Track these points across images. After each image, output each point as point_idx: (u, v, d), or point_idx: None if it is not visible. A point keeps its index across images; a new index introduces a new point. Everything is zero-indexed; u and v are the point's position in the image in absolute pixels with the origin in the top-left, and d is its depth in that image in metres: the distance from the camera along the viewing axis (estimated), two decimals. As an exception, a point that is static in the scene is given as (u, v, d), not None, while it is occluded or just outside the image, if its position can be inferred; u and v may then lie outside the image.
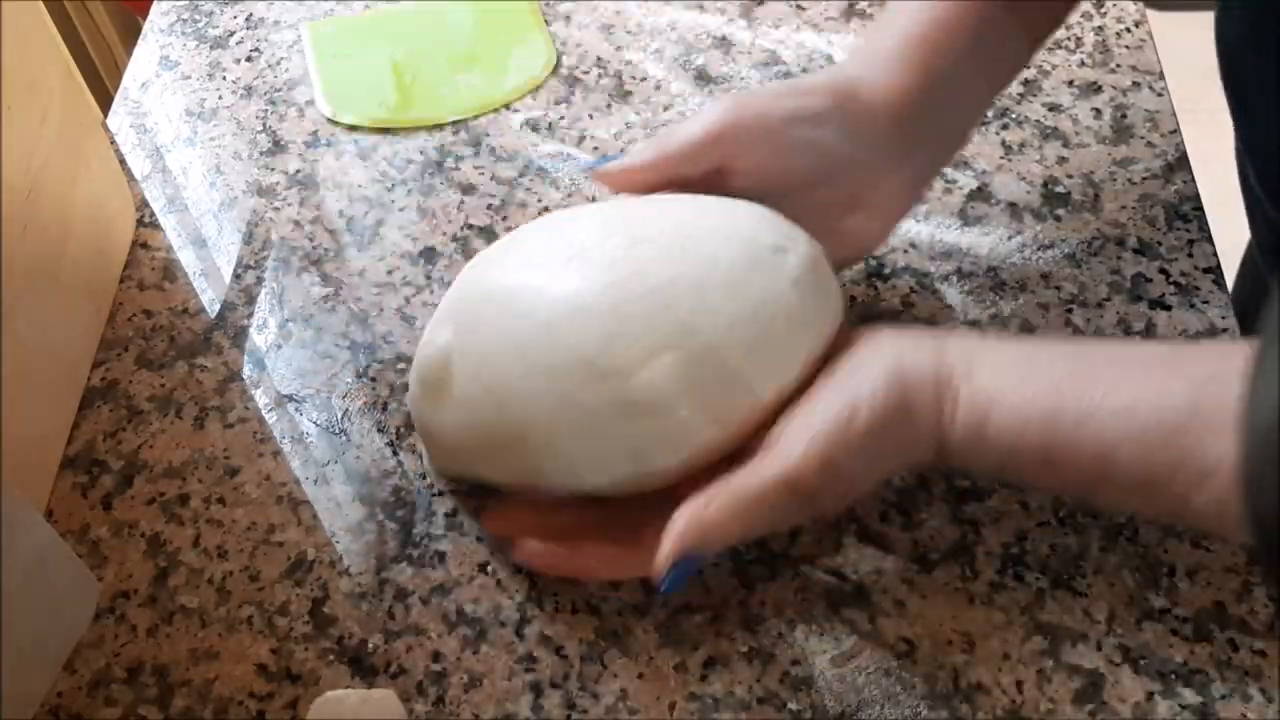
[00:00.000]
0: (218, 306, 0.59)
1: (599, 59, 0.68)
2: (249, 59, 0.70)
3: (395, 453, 0.53)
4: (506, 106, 0.67)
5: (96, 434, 0.55)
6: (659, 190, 0.51)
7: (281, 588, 0.50)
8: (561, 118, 0.66)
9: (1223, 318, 0.54)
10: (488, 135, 0.65)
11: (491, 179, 0.63)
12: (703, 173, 0.50)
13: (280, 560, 0.51)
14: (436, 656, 0.47)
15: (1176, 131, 0.62)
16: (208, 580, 0.50)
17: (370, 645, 0.48)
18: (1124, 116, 0.63)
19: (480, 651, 0.47)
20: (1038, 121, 0.63)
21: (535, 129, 0.65)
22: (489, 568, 0.50)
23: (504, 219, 0.61)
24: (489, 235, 0.61)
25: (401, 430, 0.54)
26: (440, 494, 0.52)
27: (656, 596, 0.47)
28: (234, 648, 0.48)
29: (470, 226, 0.61)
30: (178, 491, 0.53)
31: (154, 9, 0.73)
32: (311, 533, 0.51)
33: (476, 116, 0.66)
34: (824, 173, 0.50)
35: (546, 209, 0.61)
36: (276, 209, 0.63)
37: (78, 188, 0.57)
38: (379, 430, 0.54)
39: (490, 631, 0.48)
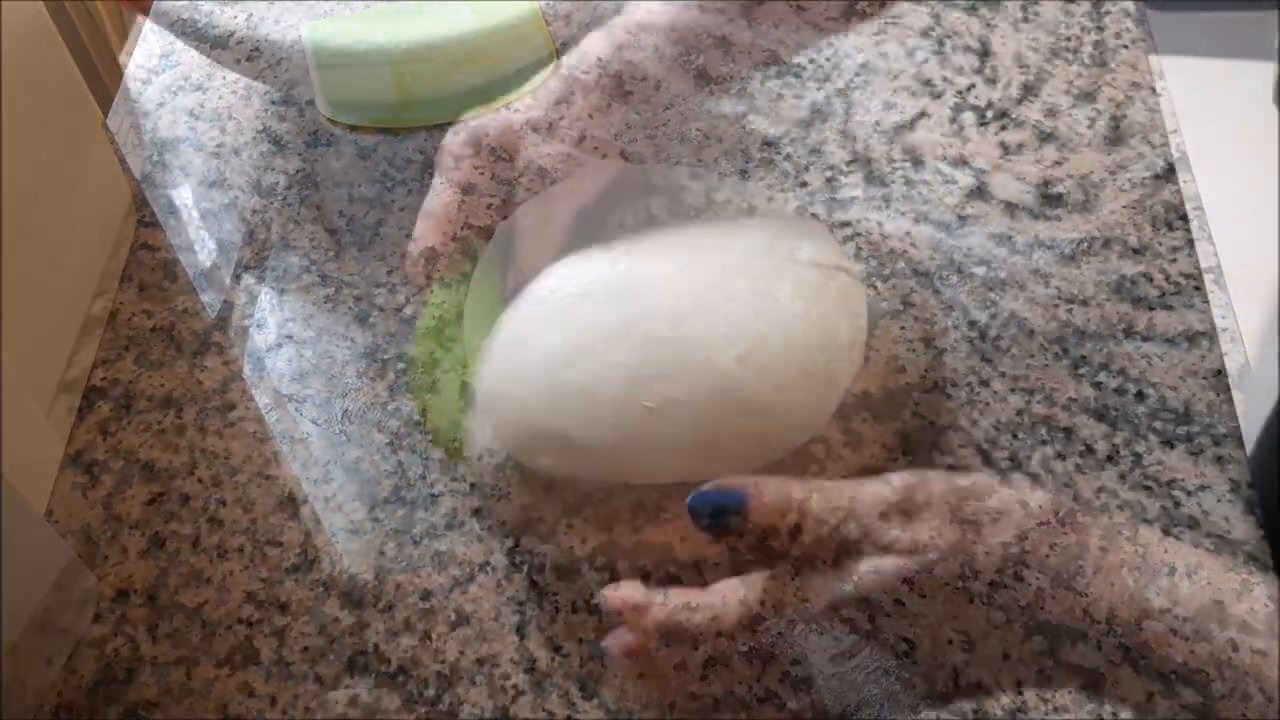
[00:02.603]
0: (218, 306, 0.59)
1: (599, 59, 0.68)
2: (249, 59, 0.70)
3: (395, 453, 0.53)
4: (506, 107, 0.67)
5: (96, 434, 0.55)
6: None
7: (282, 588, 0.50)
8: (561, 118, 0.66)
9: (1223, 317, 0.54)
10: (488, 135, 0.65)
11: (491, 179, 0.63)
12: None
13: (280, 561, 0.51)
14: (437, 656, 0.47)
15: (1175, 133, 0.62)
16: (207, 580, 0.50)
17: (370, 645, 0.48)
18: (1122, 119, 0.63)
19: (480, 651, 0.47)
20: (1036, 123, 0.63)
21: (535, 129, 0.65)
22: (489, 568, 0.50)
23: (504, 219, 0.61)
24: (489, 236, 0.61)
25: (401, 430, 0.54)
26: (440, 494, 0.52)
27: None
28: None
29: (470, 226, 0.61)
30: (178, 491, 0.53)
31: (154, 9, 0.73)
32: (311, 533, 0.51)
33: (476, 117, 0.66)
34: None
35: (546, 209, 0.61)
36: (277, 209, 0.63)
37: (78, 188, 0.57)
38: (379, 430, 0.54)
39: (490, 631, 0.48)
